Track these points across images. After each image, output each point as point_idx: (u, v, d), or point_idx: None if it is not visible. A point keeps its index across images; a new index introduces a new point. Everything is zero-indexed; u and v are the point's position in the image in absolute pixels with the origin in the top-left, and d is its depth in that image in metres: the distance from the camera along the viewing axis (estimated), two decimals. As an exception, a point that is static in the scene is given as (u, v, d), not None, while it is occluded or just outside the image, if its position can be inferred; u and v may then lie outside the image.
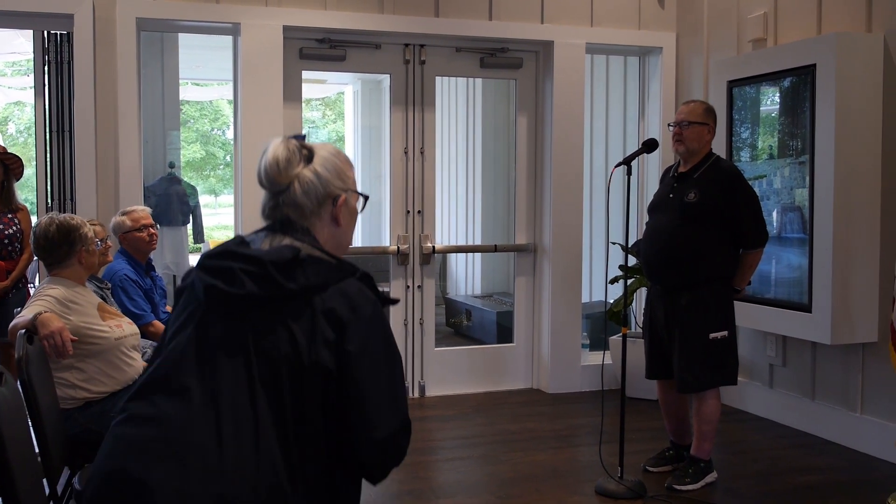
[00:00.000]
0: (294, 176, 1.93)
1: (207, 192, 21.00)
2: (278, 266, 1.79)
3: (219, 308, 1.82)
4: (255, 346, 1.78)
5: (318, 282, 1.80)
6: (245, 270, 1.79)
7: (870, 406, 4.80)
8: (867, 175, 4.70)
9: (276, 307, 1.79)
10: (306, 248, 1.87)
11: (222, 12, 5.45)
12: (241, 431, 1.73)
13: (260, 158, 1.94)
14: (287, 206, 1.94)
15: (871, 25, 4.75)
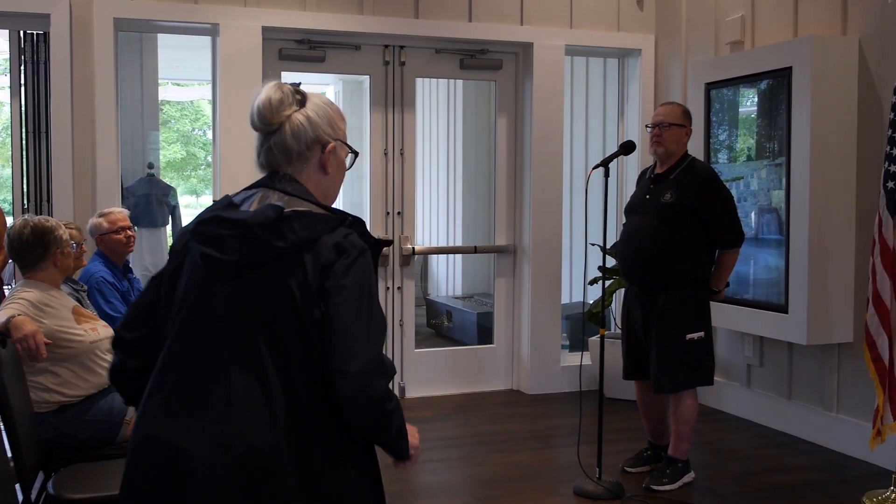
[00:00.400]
0: (285, 117, 1.97)
1: (188, 193, 20.89)
2: (264, 227, 1.82)
3: (217, 272, 1.87)
4: (256, 304, 1.84)
5: (306, 235, 1.84)
6: (234, 236, 1.84)
7: (845, 406, 4.84)
8: (843, 177, 4.74)
9: (270, 265, 1.84)
10: (293, 202, 1.90)
11: (201, 13, 5.43)
12: (251, 383, 1.81)
13: (253, 100, 1.98)
14: (276, 148, 1.97)
15: (846, 29, 4.79)
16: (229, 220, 1.86)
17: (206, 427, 1.81)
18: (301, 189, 1.97)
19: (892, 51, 4.43)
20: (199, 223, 1.91)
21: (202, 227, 1.90)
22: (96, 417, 3.50)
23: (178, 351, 1.89)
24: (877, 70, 4.62)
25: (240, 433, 1.80)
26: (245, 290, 1.85)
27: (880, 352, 3.99)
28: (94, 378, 3.52)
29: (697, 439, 4.95)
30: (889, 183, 3.94)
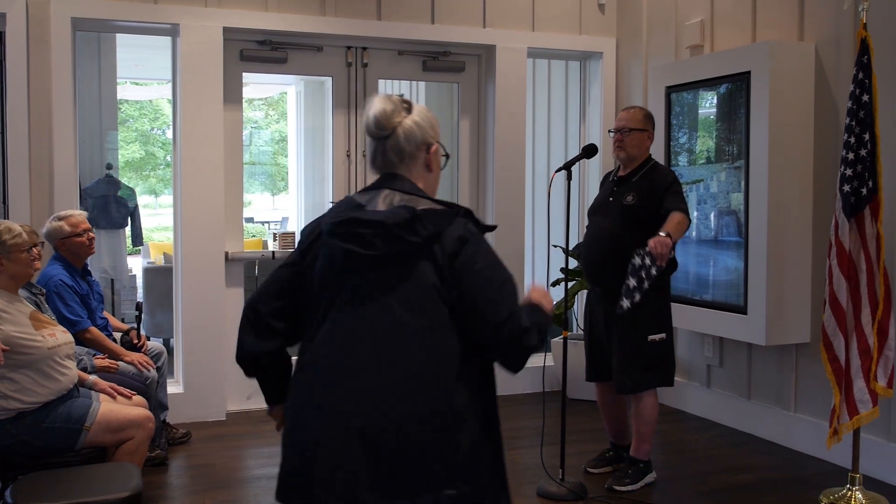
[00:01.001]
0: (397, 123, 2.25)
1: (147, 193, 20.68)
2: (400, 226, 2.13)
3: (358, 266, 2.17)
4: (398, 291, 2.15)
5: (434, 230, 2.15)
6: (375, 234, 2.14)
7: (803, 405, 4.92)
8: (800, 180, 4.81)
9: (405, 257, 2.15)
10: (414, 201, 2.21)
11: (161, 13, 5.37)
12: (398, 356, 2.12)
13: (366, 111, 2.27)
14: (390, 151, 2.26)
15: (803, 34, 4.87)
16: (367, 221, 2.15)
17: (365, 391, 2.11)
18: (417, 188, 2.28)
19: (848, 56, 4.51)
20: (336, 224, 2.19)
21: (341, 227, 2.18)
22: (55, 424, 3.45)
23: (333, 332, 2.17)
24: (832, 75, 4.71)
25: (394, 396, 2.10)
26: (387, 278, 2.16)
27: (837, 352, 4.07)
28: (53, 384, 3.47)
29: (659, 439, 5.01)
30: (845, 186, 4.01)
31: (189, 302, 5.53)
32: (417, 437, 2.09)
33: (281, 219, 17.57)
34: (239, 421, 5.57)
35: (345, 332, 2.17)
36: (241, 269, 5.88)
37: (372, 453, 2.09)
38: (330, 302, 2.20)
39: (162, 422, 4.84)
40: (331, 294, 2.21)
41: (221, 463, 4.75)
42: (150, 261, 9.58)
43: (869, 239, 4.00)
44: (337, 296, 2.20)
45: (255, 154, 20.58)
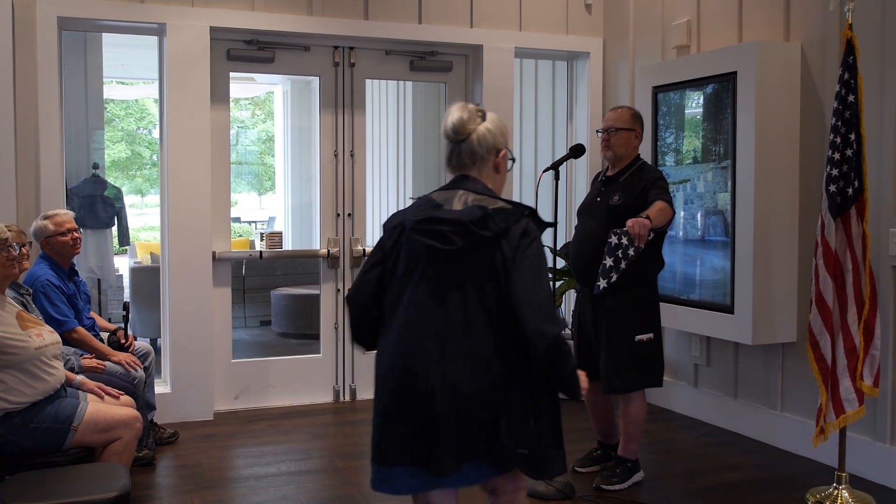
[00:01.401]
0: (472, 129, 2.64)
1: (134, 192, 20.59)
2: (475, 223, 2.52)
3: (437, 258, 2.56)
4: (468, 278, 2.54)
5: (503, 227, 2.52)
6: (454, 231, 2.53)
7: (789, 404, 4.95)
8: (786, 179, 4.84)
9: (478, 249, 2.53)
10: (486, 200, 2.57)
11: (147, 12, 5.35)
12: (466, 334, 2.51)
13: (445, 118, 2.66)
14: (465, 154, 2.65)
15: (789, 35, 4.90)
16: (446, 219, 2.56)
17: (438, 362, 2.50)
18: (487, 188, 2.65)
19: (833, 56, 4.53)
20: (418, 222, 2.59)
21: (423, 224, 2.58)
22: (42, 424, 3.44)
23: (414, 312, 2.56)
24: (818, 75, 4.73)
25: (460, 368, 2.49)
26: (462, 267, 2.55)
27: (823, 352, 4.09)
28: (40, 384, 3.46)
29: (646, 439, 5.03)
30: (831, 186, 4.03)
31: (176, 301, 5.51)
32: (473, 400, 2.49)
33: (268, 218, 17.52)
34: (227, 421, 5.55)
35: (424, 312, 2.55)
36: (229, 269, 5.86)
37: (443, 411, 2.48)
38: (412, 286, 2.58)
39: (149, 422, 4.82)
40: (412, 280, 2.59)
41: (209, 463, 4.73)
42: (136, 260, 9.55)
43: (855, 239, 4.03)
44: (417, 281, 2.58)
45: (241, 154, 20.52)
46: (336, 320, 6.07)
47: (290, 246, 10.57)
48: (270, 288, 8.86)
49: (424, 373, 2.50)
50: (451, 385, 2.48)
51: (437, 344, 2.51)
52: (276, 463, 4.73)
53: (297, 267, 8.91)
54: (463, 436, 2.49)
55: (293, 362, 6.08)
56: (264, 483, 4.42)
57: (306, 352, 6.33)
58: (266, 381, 5.91)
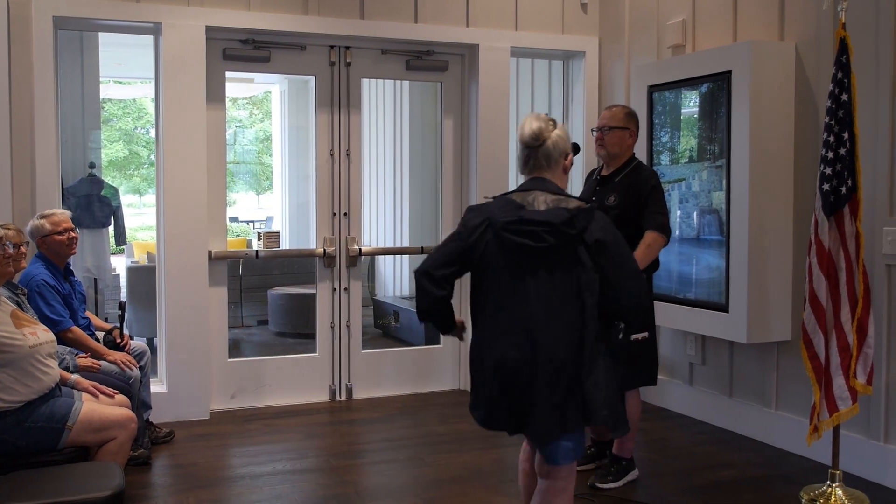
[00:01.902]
0: (548, 136, 3.06)
1: (131, 192, 20.58)
2: (564, 224, 2.92)
3: (530, 252, 2.95)
4: (557, 267, 2.96)
5: (584, 225, 2.94)
6: (545, 231, 2.93)
7: (784, 402, 4.96)
8: (780, 179, 4.85)
9: (564, 246, 2.94)
10: (562, 200, 3.00)
11: (143, 12, 5.36)
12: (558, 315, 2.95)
13: (522, 126, 3.09)
14: (541, 157, 3.07)
15: (783, 34, 4.91)
16: (537, 220, 2.94)
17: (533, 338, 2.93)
18: (559, 188, 3.08)
19: (828, 56, 4.54)
20: (509, 223, 2.97)
21: (515, 225, 2.97)
22: (37, 424, 3.44)
23: (512, 299, 2.98)
24: (813, 74, 4.74)
25: (552, 342, 2.93)
26: (551, 259, 2.95)
27: (817, 350, 4.10)
28: (35, 383, 3.46)
29: (642, 437, 5.04)
30: (824, 185, 4.04)
31: (172, 301, 5.52)
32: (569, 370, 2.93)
33: (266, 218, 17.51)
34: (223, 420, 5.56)
35: (522, 298, 2.96)
36: (225, 269, 5.87)
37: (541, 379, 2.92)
38: (506, 277, 2.99)
39: (145, 421, 4.83)
40: (504, 270, 2.99)
41: (205, 462, 4.74)
42: (133, 260, 9.55)
43: (848, 237, 4.04)
44: (511, 272, 2.98)
45: (239, 153, 20.51)
46: (332, 319, 6.07)
47: (288, 245, 10.57)
48: (267, 287, 8.87)
49: (530, 350, 2.93)
50: (550, 359, 2.92)
51: (536, 326, 2.93)
52: (271, 462, 4.73)
53: (294, 266, 8.91)
54: (560, 402, 2.94)
55: (289, 361, 6.09)
56: (259, 482, 4.42)
57: (303, 351, 6.34)
58: (262, 381, 5.92)
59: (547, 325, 2.94)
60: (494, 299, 3.01)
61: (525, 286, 2.97)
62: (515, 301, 2.97)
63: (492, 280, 3.02)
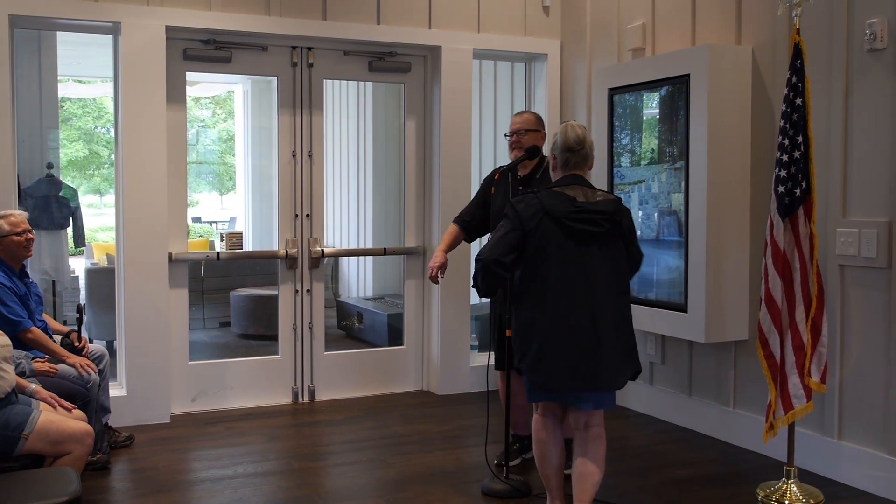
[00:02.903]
0: (588, 141, 3.71)
1: (92, 192, 20.34)
2: (615, 213, 3.60)
3: (586, 236, 3.56)
4: (608, 248, 3.60)
5: (622, 215, 3.63)
6: (603, 219, 3.56)
7: (741, 401, 5.03)
8: (738, 180, 4.92)
9: (611, 231, 3.60)
10: (598, 193, 3.65)
11: (101, 11, 5.30)
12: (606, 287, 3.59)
13: (567, 132, 3.68)
14: (581, 158, 3.69)
15: (740, 38, 4.98)
16: (598, 210, 3.56)
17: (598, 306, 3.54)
18: (591, 184, 3.71)
19: (783, 60, 4.61)
20: (571, 213, 3.54)
21: (576, 214, 3.54)
22: (-9, 430, 3.40)
23: (569, 278, 3.55)
24: (769, 78, 4.82)
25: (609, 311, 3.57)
26: (603, 241, 3.59)
27: (772, 349, 4.17)
28: (-11, 389, 3.41)
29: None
30: (779, 187, 4.11)
31: (132, 303, 5.47)
32: (620, 337, 3.59)
33: (229, 218, 17.40)
34: (184, 423, 5.52)
35: (581, 274, 3.54)
36: (186, 270, 5.83)
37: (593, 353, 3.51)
38: (564, 257, 3.54)
39: (104, 425, 4.78)
40: (564, 252, 3.54)
41: (165, 466, 4.71)
42: (93, 262, 9.44)
43: (803, 239, 4.11)
44: (570, 254, 3.55)
45: (202, 153, 20.35)
46: (295, 321, 6.05)
47: (251, 246, 10.52)
48: (230, 289, 8.81)
49: (598, 323, 3.52)
50: (609, 324, 3.55)
51: (597, 299, 3.53)
52: (232, 465, 4.71)
53: (257, 267, 8.86)
54: (622, 358, 3.62)
55: (251, 364, 6.06)
56: (220, 485, 4.40)
57: (265, 353, 6.31)
58: (224, 383, 5.89)
59: (604, 297, 3.55)
60: (557, 278, 3.53)
61: (583, 266, 3.54)
62: (578, 278, 3.53)
63: (551, 262, 3.54)
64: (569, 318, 3.52)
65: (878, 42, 4.17)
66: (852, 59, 4.31)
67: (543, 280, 3.55)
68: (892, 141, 4.13)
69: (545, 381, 3.56)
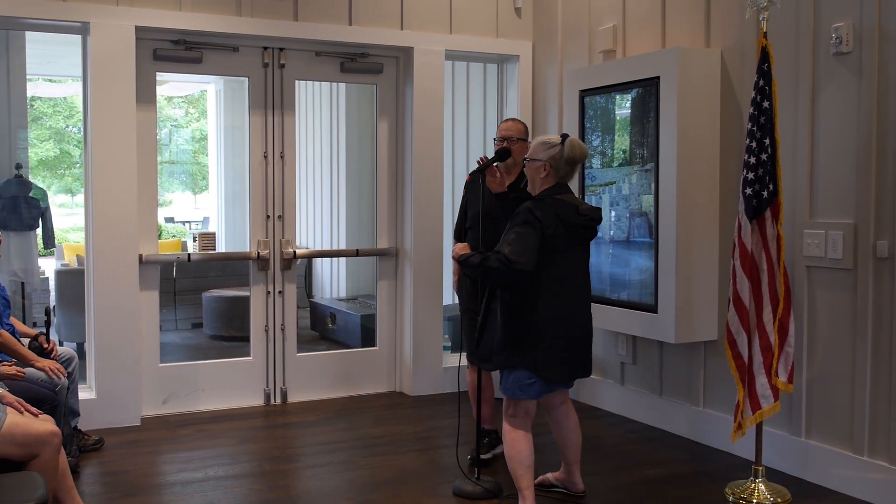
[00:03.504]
0: None
1: (63, 192, 20.14)
2: (598, 220, 3.97)
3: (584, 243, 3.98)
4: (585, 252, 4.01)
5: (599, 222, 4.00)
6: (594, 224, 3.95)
7: (711, 400, 5.08)
8: (707, 182, 4.96)
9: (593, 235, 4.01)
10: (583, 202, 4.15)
11: (70, 11, 5.26)
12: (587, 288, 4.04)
13: (571, 148, 3.88)
14: (575, 171, 3.99)
15: (709, 41, 5.02)
16: (591, 217, 3.91)
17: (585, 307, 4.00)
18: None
19: (751, 63, 4.65)
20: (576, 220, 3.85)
21: (580, 221, 3.87)
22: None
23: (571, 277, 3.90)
24: (737, 81, 4.86)
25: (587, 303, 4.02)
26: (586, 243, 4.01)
27: (740, 349, 4.21)
28: (-46, 393, 3.38)
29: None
30: (747, 189, 4.15)
31: (102, 305, 5.42)
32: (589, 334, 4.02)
33: (202, 218, 17.28)
34: (154, 426, 5.49)
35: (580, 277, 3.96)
36: (157, 272, 5.79)
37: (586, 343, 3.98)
38: (572, 259, 3.88)
39: (73, 428, 4.74)
40: (570, 255, 3.87)
41: (135, 469, 4.68)
42: (63, 263, 9.35)
43: (770, 240, 4.16)
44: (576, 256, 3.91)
45: (175, 153, 20.20)
46: (267, 323, 6.03)
47: (224, 246, 10.46)
48: (202, 290, 8.76)
49: (587, 317, 3.99)
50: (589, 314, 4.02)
51: (587, 300, 4.01)
52: (203, 468, 4.69)
53: (229, 268, 8.82)
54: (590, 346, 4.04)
55: (223, 365, 6.03)
56: (191, 489, 4.38)
57: (237, 354, 6.28)
58: (195, 385, 5.86)
59: (587, 292, 4.01)
60: (563, 278, 3.84)
61: (578, 265, 3.92)
62: (579, 280, 3.93)
63: (559, 263, 3.81)
64: (574, 314, 3.90)
65: (844, 46, 4.22)
66: (819, 63, 4.37)
67: (553, 280, 3.80)
68: (857, 144, 4.19)
69: (554, 375, 3.85)
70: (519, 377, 3.82)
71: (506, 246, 3.72)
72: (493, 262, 3.71)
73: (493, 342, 3.92)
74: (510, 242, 3.72)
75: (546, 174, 3.87)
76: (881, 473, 4.11)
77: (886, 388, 4.10)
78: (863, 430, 4.21)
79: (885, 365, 4.10)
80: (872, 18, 4.10)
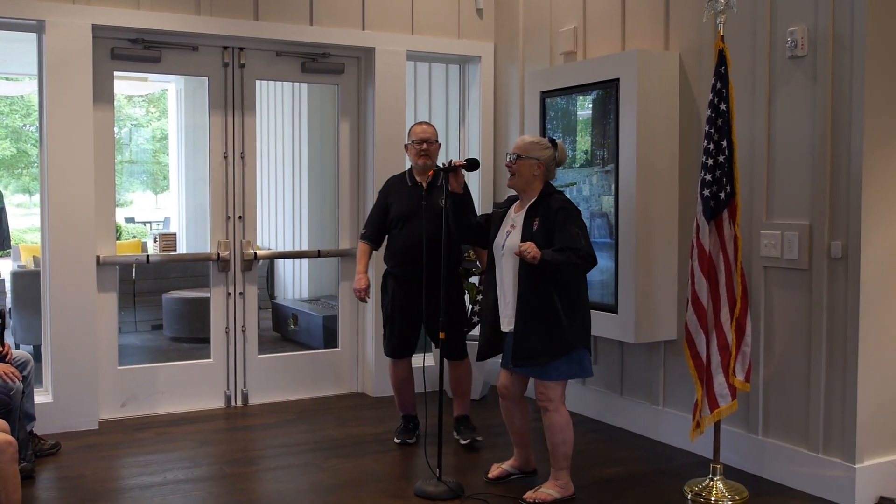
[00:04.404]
0: None
1: (21, 192, 19.84)
2: None
3: None
4: None
5: None
6: None
7: (670, 399, 5.13)
8: (666, 183, 5.01)
9: None
10: None
11: (24, 8, 5.17)
12: None
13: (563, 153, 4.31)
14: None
15: (668, 44, 5.07)
16: None
17: None
18: None
19: (709, 66, 4.70)
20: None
21: None
22: None
23: None
24: (696, 83, 4.92)
25: None
26: None
27: (699, 349, 4.26)
28: None
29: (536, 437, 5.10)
30: (705, 191, 4.20)
31: (58, 308, 5.35)
32: None
33: (163, 218, 17.10)
34: (112, 430, 5.42)
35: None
36: (115, 273, 5.72)
37: None
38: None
39: (28, 433, 4.67)
40: None
41: (92, 474, 4.61)
42: (20, 264, 9.21)
43: (727, 241, 4.21)
44: None
45: (135, 152, 19.97)
46: (227, 324, 5.98)
47: (185, 247, 10.36)
48: (162, 291, 8.67)
49: None
50: None
51: None
52: (162, 472, 4.64)
53: (189, 270, 8.74)
54: None
55: (183, 368, 5.97)
56: (149, 493, 4.33)
57: (197, 357, 6.22)
58: (154, 388, 5.79)
59: None
60: None
61: None
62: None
63: None
64: None
65: (799, 50, 4.28)
66: (775, 66, 4.43)
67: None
68: (812, 146, 4.25)
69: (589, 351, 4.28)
70: (581, 357, 4.17)
71: (581, 241, 4.04)
72: (582, 259, 4.04)
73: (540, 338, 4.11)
74: (584, 238, 4.09)
75: (539, 172, 4.18)
76: (836, 470, 4.18)
77: (840, 387, 4.17)
78: (818, 428, 4.27)
79: (839, 364, 4.17)
80: (826, 23, 4.16)
